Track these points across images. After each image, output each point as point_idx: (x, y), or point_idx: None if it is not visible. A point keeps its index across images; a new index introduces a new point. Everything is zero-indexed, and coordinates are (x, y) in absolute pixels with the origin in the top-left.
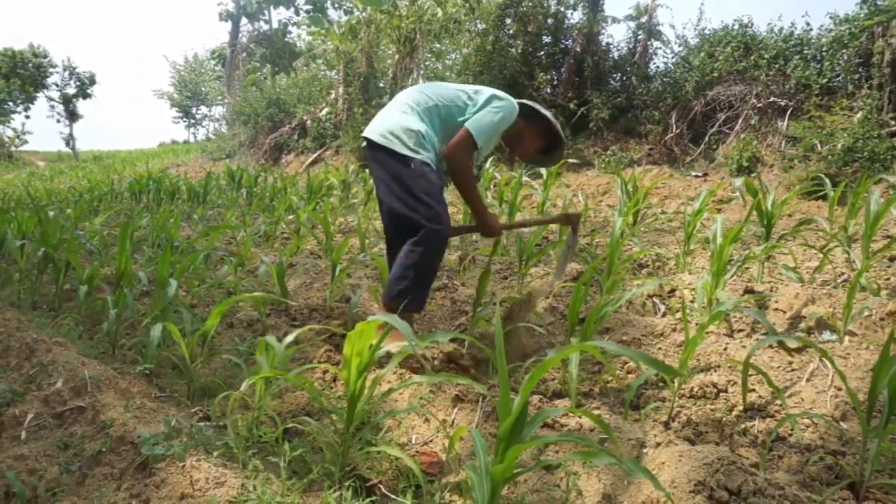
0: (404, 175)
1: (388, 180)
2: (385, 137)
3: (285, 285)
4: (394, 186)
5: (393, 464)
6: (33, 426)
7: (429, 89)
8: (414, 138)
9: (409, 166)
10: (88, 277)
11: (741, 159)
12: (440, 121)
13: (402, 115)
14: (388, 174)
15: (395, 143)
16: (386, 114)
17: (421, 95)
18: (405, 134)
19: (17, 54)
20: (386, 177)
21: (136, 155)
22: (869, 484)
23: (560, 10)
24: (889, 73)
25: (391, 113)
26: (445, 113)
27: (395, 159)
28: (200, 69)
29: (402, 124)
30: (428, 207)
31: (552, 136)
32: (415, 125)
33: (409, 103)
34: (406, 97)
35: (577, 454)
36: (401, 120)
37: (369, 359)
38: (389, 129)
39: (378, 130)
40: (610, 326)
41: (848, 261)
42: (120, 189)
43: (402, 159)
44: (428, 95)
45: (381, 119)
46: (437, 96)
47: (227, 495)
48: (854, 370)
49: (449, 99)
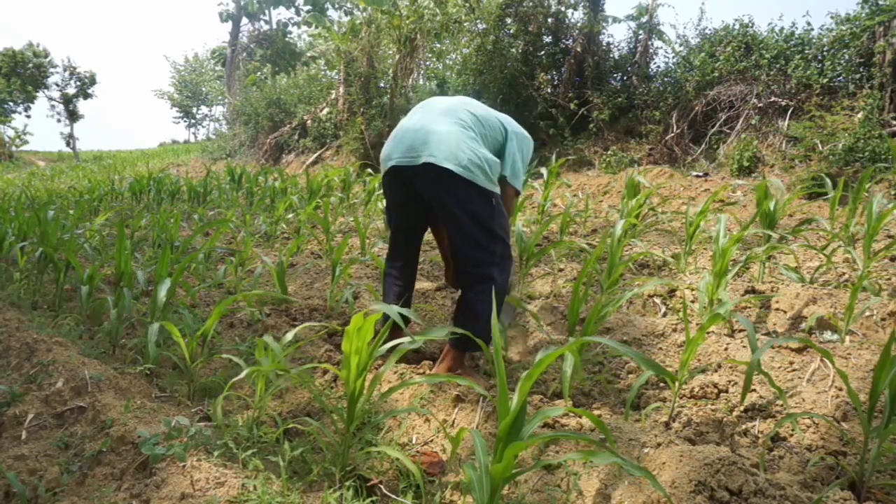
0: (484, 213)
1: (464, 213)
2: (468, 169)
3: (285, 285)
4: (467, 224)
5: (393, 464)
6: (33, 426)
7: (475, 109)
8: (496, 170)
9: (492, 202)
10: (89, 277)
11: (742, 159)
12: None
13: (476, 144)
14: (463, 207)
15: (479, 176)
16: (455, 137)
17: (472, 118)
18: (488, 166)
19: (18, 54)
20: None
21: (137, 155)
22: (870, 484)
23: (561, 10)
24: (890, 72)
25: (463, 138)
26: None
27: (477, 193)
28: (201, 69)
29: (485, 155)
30: (504, 245)
31: None
32: (492, 157)
33: (471, 126)
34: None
35: (577, 454)
36: (479, 149)
37: (369, 357)
38: (472, 159)
39: (454, 158)
40: (611, 326)
41: (849, 261)
42: (120, 189)
43: (486, 194)
44: (479, 119)
45: (451, 144)
46: (485, 122)
47: (227, 495)
48: (855, 370)
49: (492, 128)
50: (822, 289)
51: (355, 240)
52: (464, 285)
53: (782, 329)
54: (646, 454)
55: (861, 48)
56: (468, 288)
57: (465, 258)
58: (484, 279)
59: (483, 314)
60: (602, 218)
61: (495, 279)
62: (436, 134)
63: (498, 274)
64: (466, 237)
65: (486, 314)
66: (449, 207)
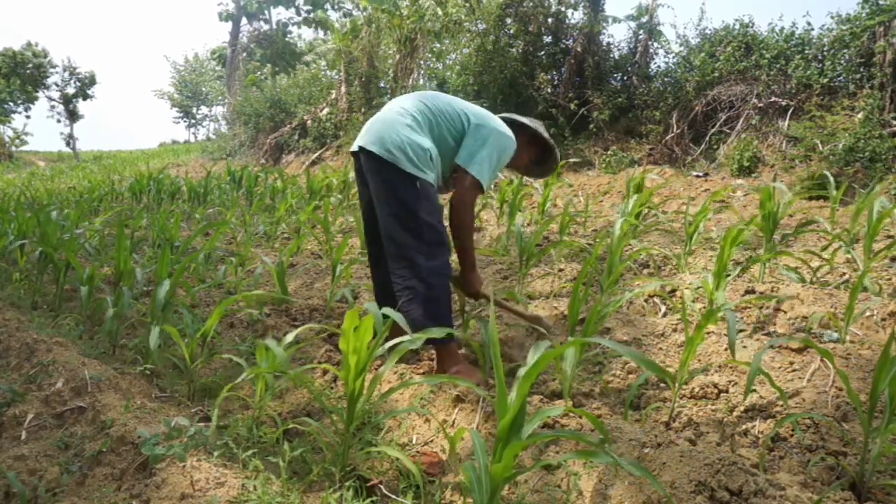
0: (406, 196)
1: (387, 197)
2: (389, 152)
3: (286, 285)
4: (393, 204)
5: (393, 464)
6: (33, 426)
7: (430, 100)
8: (422, 156)
9: (415, 186)
10: (89, 277)
11: (742, 159)
12: (436, 139)
13: (408, 129)
14: (388, 190)
15: (402, 159)
16: (388, 124)
17: (422, 106)
18: (412, 150)
19: (18, 54)
20: (384, 193)
21: (137, 155)
22: (870, 485)
23: (561, 10)
24: (890, 72)
25: (394, 124)
26: (442, 132)
27: (399, 177)
28: (201, 69)
29: (411, 139)
30: (432, 230)
31: (541, 145)
32: (425, 142)
33: (413, 114)
34: (408, 105)
35: (577, 454)
36: (409, 134)
37: (368, 357)
38: (396, 143)
39: (380, 142)
40: (610, 326)
41: (849, 261)
42: (120, 189)
43: (408, 178)
44: (430, 108)
45: (382, 129)
46: (438, 112)
47: (227, 495)
48: (855, 370)
49: (449, 118)
50: (822, 289)
51: (355, 240)
52: (390, 269)
53: (782, 329)
54: (646, 454)
55: (861, 48)
56: (393, 273)
57: (388, 239)
58: (408, 264)
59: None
60: (602, 218)
61: (420, 265)
62: (376, 122)
63: (424, 260)
64: (389, 219)
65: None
66: (375, 189)
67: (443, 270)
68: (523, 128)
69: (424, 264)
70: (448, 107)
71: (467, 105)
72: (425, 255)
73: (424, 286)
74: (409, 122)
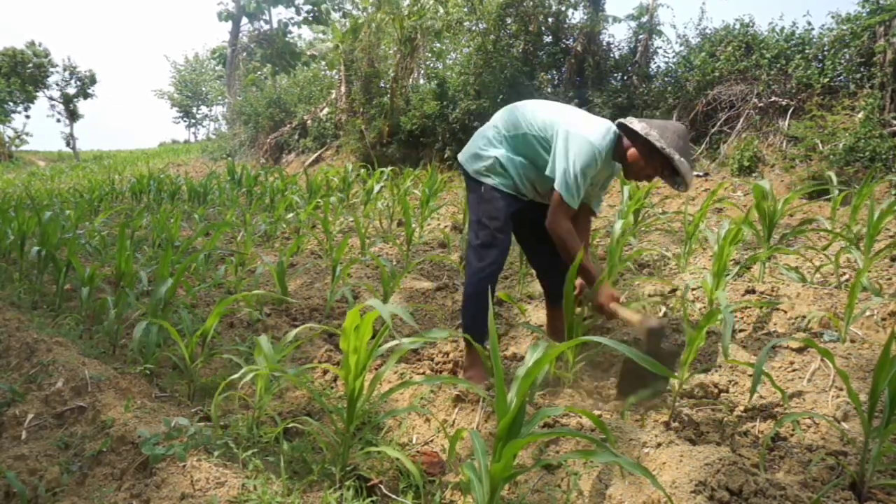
0: (473, 200)
1: (468, 201)
2: (465, 162)
3: (286, 285)
4: (471, 209)
5: (393, 464)
6: (34, 426)
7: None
8: (489, 164)
9: (479, 191)
10: (89, 277)
11: (742, 159)
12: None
13: (483, 140)
14: (469, 195)
15: (471, 167)
16: (474, 136)
17: (509, 115)
18: (479, 158)
19: (18, 54)
20: (468, 198)
21: (137, 154)
22: (870, 484)
23: (561, 10)
24: (891, 72)
25: (476, 136)
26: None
27: (470, 182)
28: (201, 69)
29: (480, 147)
30: (487, 232)
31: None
32: (492, 151)
33: (496, 125)
34: (498, 116)
35: (577, 453)
36: (480, 144)
37: (368, 357)
38: (470, 152)
39: (463, 153)
40: (611, 326)
41: (850, 261)
42: (121, 189)
43: (475, 183)
44: (516, 117)
45: (469, 142)
46: (523, 120)
47: (227, 495)
48: (855, 370)
49: (534, 125)
50: (822, 289)
51: (355, 240)
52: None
53: (783, 329)
54: (646, 454)
55: (861, 48)
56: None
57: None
58: (468, 262)
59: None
60: (602, 218)
61: (472, 264)
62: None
63: (476, 261)
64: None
65: (466, 298)
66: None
67: (486, 271)
68: (633, 134)
69: (476, 265)
70: (533, 114)
71: (562, 110)
72: (477, 257)
73: (470, 284)
74: (490, 133)
